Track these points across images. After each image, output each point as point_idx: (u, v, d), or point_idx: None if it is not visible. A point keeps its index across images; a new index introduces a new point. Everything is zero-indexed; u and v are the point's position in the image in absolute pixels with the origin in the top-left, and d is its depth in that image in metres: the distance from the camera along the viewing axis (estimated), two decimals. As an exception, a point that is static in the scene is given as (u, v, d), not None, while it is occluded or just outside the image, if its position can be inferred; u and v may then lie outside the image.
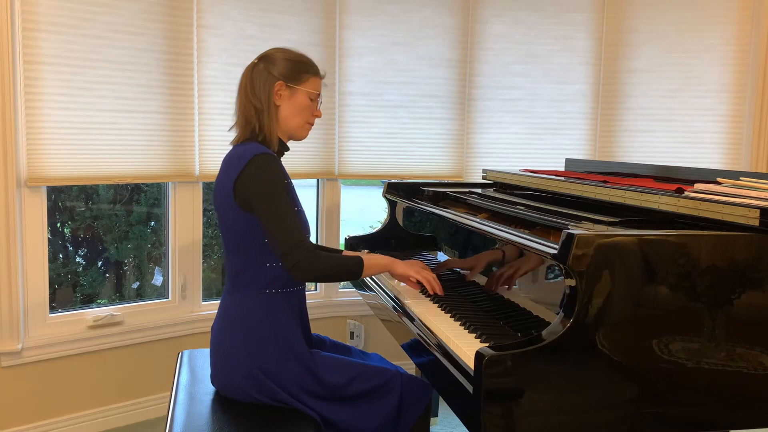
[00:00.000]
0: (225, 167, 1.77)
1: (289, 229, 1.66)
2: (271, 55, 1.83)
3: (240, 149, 1.75)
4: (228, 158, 1.78)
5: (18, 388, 2.56)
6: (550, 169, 2.92)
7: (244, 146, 1.76)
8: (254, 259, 1.74)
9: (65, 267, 2.96)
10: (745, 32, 3.19)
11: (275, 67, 1.80)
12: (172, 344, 2.91)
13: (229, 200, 1.72)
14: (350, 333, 3.31)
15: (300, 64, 1.84)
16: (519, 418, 1.26)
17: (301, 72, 1.83)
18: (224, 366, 1.76)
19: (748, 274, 1.36)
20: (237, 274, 1.78)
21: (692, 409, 1.36)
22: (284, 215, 1.67)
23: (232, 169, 1.72)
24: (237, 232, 1.74)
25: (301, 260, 1.64)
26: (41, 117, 2.48)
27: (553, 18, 3.25)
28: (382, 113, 3.21)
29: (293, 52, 1.85)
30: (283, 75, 1.80)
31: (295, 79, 1.82)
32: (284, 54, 1.83)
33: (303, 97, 1.83)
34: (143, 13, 2.65)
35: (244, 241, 1.74)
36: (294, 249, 1.64)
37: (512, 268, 1.70)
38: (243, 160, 1.70)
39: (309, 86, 1.84)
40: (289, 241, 1.65)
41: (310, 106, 1.86)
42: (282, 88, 1.80)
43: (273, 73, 1.80)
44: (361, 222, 6.56)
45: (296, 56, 1.85)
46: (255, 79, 1.80)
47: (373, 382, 1.75)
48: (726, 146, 3.26)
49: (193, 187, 2.91)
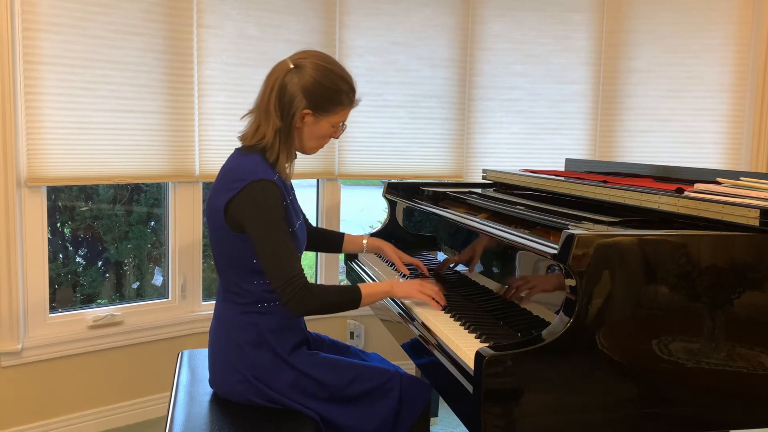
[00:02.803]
0: (221, 180, 1.69)
1: (284, 262, 1.61)
2: (306, 67, 1.67)
3: (240, 164, 1.67)
4: (226, 171, 1.70)
5: (18, 388, 2.56)
6: (550, 169, 2.92)
7: (245, 161, 1.67)
8: (243, 276, 1.71)
9: (65, 267, 2.96)
10: (745, 32, 3.19)
11: (308, 89, 1.66)
12: (172, 344, 2.91)
13: (219, 218, 1.66)
14: (350, 333, 3.31)
15: (334, 93, 1.69)
16: (519, 418, 1.26)
17: (333, 104, 1.70)
18: (220, 370, 1.75)
19: (748, 274, 1.36)
20: (227, 286, 1.75)
21: (692, 409, 1.36)
22: (278, 248, 1.61)
23: (225, 189, 1.65)
24: (226, 248, 1.70)
25: (295, 296, 1.60)
26: (41, 117, 2.48)
27: (553, 18, 3.25)
28: (382, 113, 3.21)
29: (331, 73, 1.69)
30: (314, 103, 1.67)
31: (325, 109, 1.70)
32: (320, 74, 1.67)
33: (326, 126, 1.73)
34: (143, 13, 2.65)
35: (232, 258, 1.70)
36: (287, 285, 1.60)
37: (524, 280, 1.70)
38: (239, 183, 1.61)
39: (336, 118, 1.73)
40: (282, 277, 1.60)
41: (331, 132, 1.76)
42: (308, 116, 1.69)
43: (304, 95, 1.66)
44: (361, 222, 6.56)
45: (332, 81, 1.69)
46: (285, 88, 1.67)
47: (372, 382, 1.75)
48: (726, 146, 3.26)
49: (193, 187, 2.91)
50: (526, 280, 1.63)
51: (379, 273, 2.30)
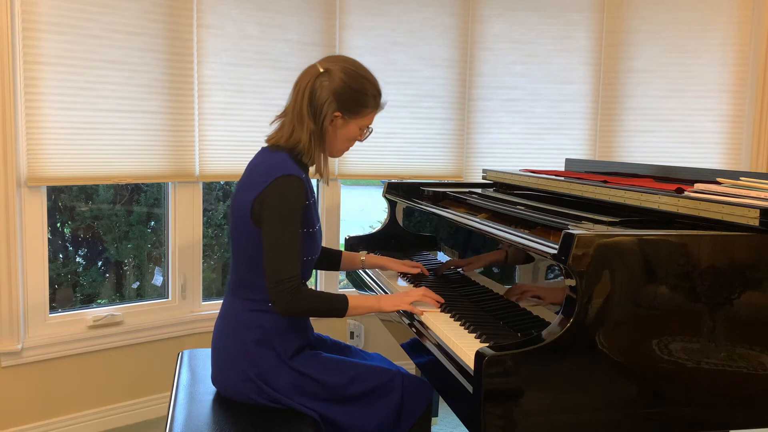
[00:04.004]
0: (249, 176, 1.73)
1: (282, 262, 1.64)
2: (335, 71, 1.73)
3: (268, 161, 1.71)
4: (253, 167, 1.75)
5: (18, 388, 2.56)
6: (550, 169, 2.92)
7: (273, 158, 1.72)
8: (259, 272, 1.72)
9: (65, 267, 2.96)
10: (745, 32, 3.19)
11: (338, 93, 1.72)
12: (172, 344, 2.91)
13: (245, 213, 1.69)
14: (350, 333, 3.31)
15: (362, 96, 1.76)
16: (519, 418, 1.26)
17: (362, 106, 1.77)
18: (224, 368, 1.76)
19: (748, 274, 1.36)
20: (241, 281, 1.77)
21: (692, 409, 1.36)
22: (281, 246, 1.64)
23: (255, 184, 1.68)
24: (247, 244, 1.72)
25: (282, 298, 1.64)
26: (41, 117, 2.48)
27: (553, 18, 3.25)
28: (383, 113, 3.18)
29: (359, 77, 1.76)
30: (344, 106, 1.73)
31: (354, 112, 1.76)
32: (349, 78, 1.73)
33: (354, 129, 1.79)
34: (143, 13, 2.65)
35: (253, 253, 1.71)
36: (278, 285, 1.63)
37: (524, 280, 1.70)
38: (268, 177, 1.66)
39: (364, 120, 1.79)
40: (276, 275, 1.64)
41: (358, 135, 1.82)
42: (338, 118, 1.75)
43: (335, 98, 1.72)
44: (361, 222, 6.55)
45: (361, 84, 1.75)
46: (316, 92, 1.72)
47: (373, 382, 1.75)
48: (726, 146, 3.26)
49: (193, 187, 2.91)
50: (526, 280, 1.63)
51: (380, 274, 2.29)
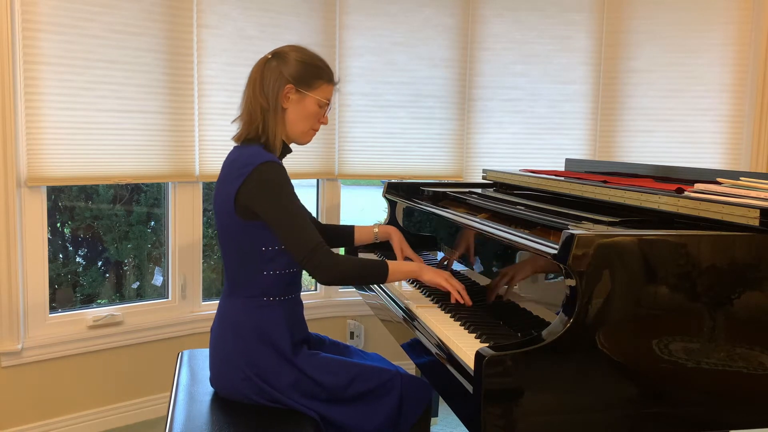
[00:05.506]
0: (227, 172, 1.73)
1: (305, 232, 1.63)
2: (285, 53, 1.77)
3: (243, 153, 1.71)
4: (230, 162, 1.74)
5: (18, 388, 2.56)
6: (550, 169, 2.92)
7: (247, 150, 1.71)
8: (251, 267, 1.72)
9: (65, 267, 2.96)
10: (745, 32, 3.19)
11: (287, 67, 1.74)
12: (172, 344, 2.91)
13: (229, 208, 1.68)
14: (350, 333, 3.31)
15: (313, 68, 1.77)
16: (519, 418, 1.26)
17: (313, 77, 1.77)
18: (222, 369, 1.75)
19: (748, 274, 1.36)
20: (234, 278, 1.77)
21: (692, 409, 1.36)
22: (297, 220, 1.64)
23: (234, 177, 1.68)
24: (235, 239, 1.72)
25: (323, 261, 1.62)
26: (41, 117, 2.48)
27: (553, 18, 3.25)
28: (382, 113, 3.21)
29: (308, 54, 1.79)
30: (295, 78, 1.74)
31: (307, 84, 1.76)
32: (298, 54, 1.77)
33: (312, 104, 1.78)
34: (143, 13, 2.65)
35: (241, 248, 1.72)
36: (314, 252, 1.62)
37: (514, 271, 1.70)
38: (247, 167, 1.65)
39: (320, 93, 1.78)
40: (307, 244, 1.63)
41: (318, 113, 1.80)
42: (291, 91, 1.74)
43: (284, 73, 1.73)
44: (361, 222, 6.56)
45: (311, 59, 1.78)
46: (265, 75, 1.74)
47: (372, 382, 1.75)
48: (726, 146, 3.26)
49: (193, 187, 2.91)
50: (526, 280, 1.63)
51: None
